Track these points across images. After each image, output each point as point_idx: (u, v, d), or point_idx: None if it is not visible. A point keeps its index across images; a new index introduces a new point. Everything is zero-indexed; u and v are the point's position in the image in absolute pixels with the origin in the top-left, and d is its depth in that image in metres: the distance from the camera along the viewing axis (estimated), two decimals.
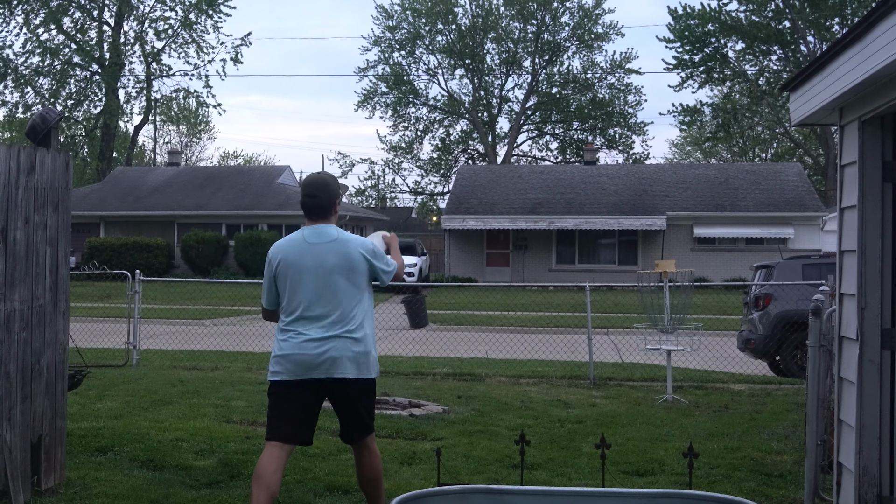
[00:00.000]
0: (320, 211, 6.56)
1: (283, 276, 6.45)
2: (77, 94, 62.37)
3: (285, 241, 6.58)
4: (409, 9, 70.97)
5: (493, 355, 19.07)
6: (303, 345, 6.30)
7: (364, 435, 6.55)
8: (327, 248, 6.43)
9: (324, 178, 6.68)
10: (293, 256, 6.44)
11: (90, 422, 10.79)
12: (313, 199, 6.55)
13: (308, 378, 6.31)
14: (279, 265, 6.47)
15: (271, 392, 6.46)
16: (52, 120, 7.96)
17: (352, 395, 6.42)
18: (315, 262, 6.39)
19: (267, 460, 6.27)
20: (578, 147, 70.90)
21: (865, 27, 5.56)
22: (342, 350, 6.30)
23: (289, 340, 6.36)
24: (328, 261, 6.39)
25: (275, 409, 6.42)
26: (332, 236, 6.47)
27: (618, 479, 8.45)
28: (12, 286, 7.16)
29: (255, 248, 47.34)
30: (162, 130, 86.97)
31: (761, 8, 58.77)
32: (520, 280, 46.42)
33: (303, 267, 6.39)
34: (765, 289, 17.68)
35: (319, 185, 6.61)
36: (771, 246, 43.09)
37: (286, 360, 6.34)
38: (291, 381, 6.34)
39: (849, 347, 6.64)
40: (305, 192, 6.58)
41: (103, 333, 20.77)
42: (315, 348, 6.28)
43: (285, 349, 6.36)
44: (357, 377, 6.36)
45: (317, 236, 6.48)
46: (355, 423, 6.53)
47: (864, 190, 6.37)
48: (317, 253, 6.41)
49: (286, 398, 6.38)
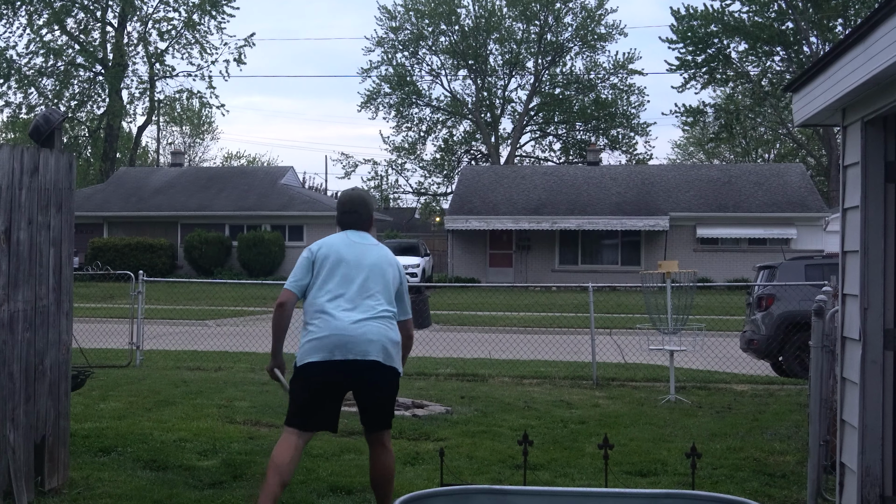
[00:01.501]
0: (360, 225, 6.92)
1: (325, 262, 6.63)
2: (80, 95, 62.37)
3: (328, 238, 6.83)
4: (412, 9, 70.98)
5: (496, 356, 19.07)
6: (340, 325, 6.44)
7: (385, 427, 6.69)
8: (369, 248, 6.77)
9: (361, 195, 7.05)
10: (336, 248, 6.70)
11: (94, 422, 10.80)
12: (353, 216, 6.91)
13: (341, 359, 6.41)
14: (320, 251, 6.69)
15: (299, 377, 6.55)
16: (55, 121, 7.97)
17: (380, 381, 6.55)
18: (357, 256, 6.68)
19: (284, 448, 6.41)
20: (581, 148, 70.87)
21: (868, 28, 5.56)
22: (378, 334, 6.48)
23: (326, 322, 6.49)
24: (369, 258, 6.70)
25: (299, 395, 6.53)
26: (375, 241, 6.87)
27: (621, 479, 8.46)
28: (16, 287, 7.18)
29: (258, 248, 47.38)
30: (165, 131, 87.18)
31: (764, 9, 58.77)
32: (523, 281, 46.39)
33: (345, 257, 6.65)
34: (767, 289, 17.67)
35: (357, 201, 6.96)
36: (774, 246, 43.07)
37: (323, 341, 6.44)
38: (322, 363, 6.43)
39: (851, 348, 6.64)
40: (345, 208, 6.93)
41: (107, 334, 20.78)
42: (353, 329, 6.43)
43: (322, 330, 6.47)
44: (388, 364, 6.53)
45: (360, 237, 6.83)
46: (380, 411, 6.66)
47: (867, 190, 6.37)
48: (359, 250, 6.72)
49: (313, 383, 6.48)
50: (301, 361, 6.52)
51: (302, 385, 6.53)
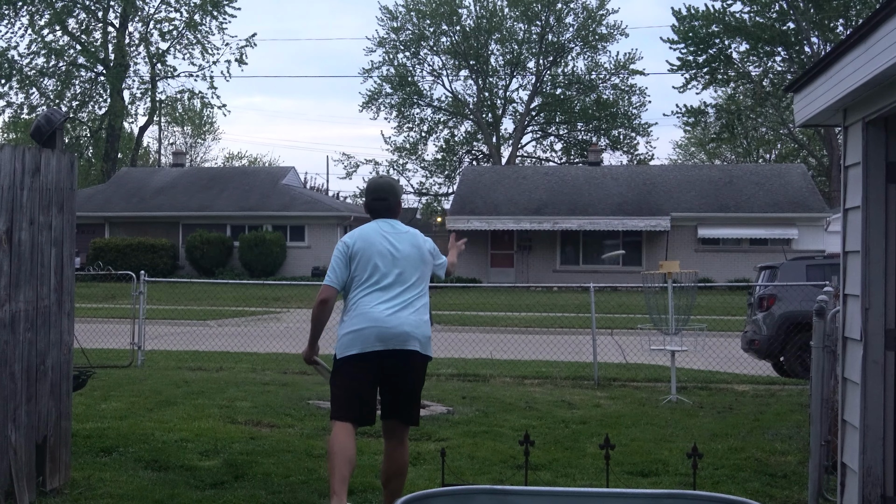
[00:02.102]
0: (388, 212, 7.06)
1: (360, 254, 6.77)
2: (82, 95, 62.38)
3: (360, 228, 6.94)
4: (414, 10, 70.97)
5: (498, 356, 19.08)
6: (380, 317, 6.60)
7: (411, 422, 6.88)
8: (402, 237, 6.90)
9: (389, 182, 7.23)
10: (371, 240, 6.83)
11: (95, 422, 10.80)
12: (383, 202, 7.05)
13: (379, 350, 6.57)
14: (356, 245, 6.81)
15: (340, 371, 6.69)
16: (56, 121, 7.98)
17: (415, 370, 6.74)
18: (390, 247, 6.81)
19: (341, 437, 6.51)
20: (582, 148, 70.83)
21: (869, 28, 5.57)
22: (414, 326, 6.67)
23: (363, 313, 6.64)
24: (402, 248, 6.84)
25: (344, 389, 6.66)
26: (405, 229, 7.00)
27: (622, 479, 8.46)
28: (17, 287, 7.18)
29: (259, 248, 47.39)
30: (167, 131, 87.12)
31: (765, 9, 58.75)
32: (524, 281, 46.39)
33: (379, 249, 6.79)
34: (769, 290, 17.67)
35: (387, 188, 7.13)
36: (775, 247, 43.06)
37: (361, 333, 6.60)
38: (365, 354, 6.58)
39: (852, 348, 6.64)
40: (375, 195, 7.07)
41: (108, 334, 20.79)
42: (390, 321, 6.59)
43: (360, 322, 6.63)
44: (423, 353, 6.73)
45: (390, 227, 6.95)
46: (409, 402, 6.81)
47: (868, 191, 6.38)
48: (392, 241, 6.85)
49: (356, 376, 6.64)
50: (341, 354, 6.68)
51: (344, 379, 6.68)
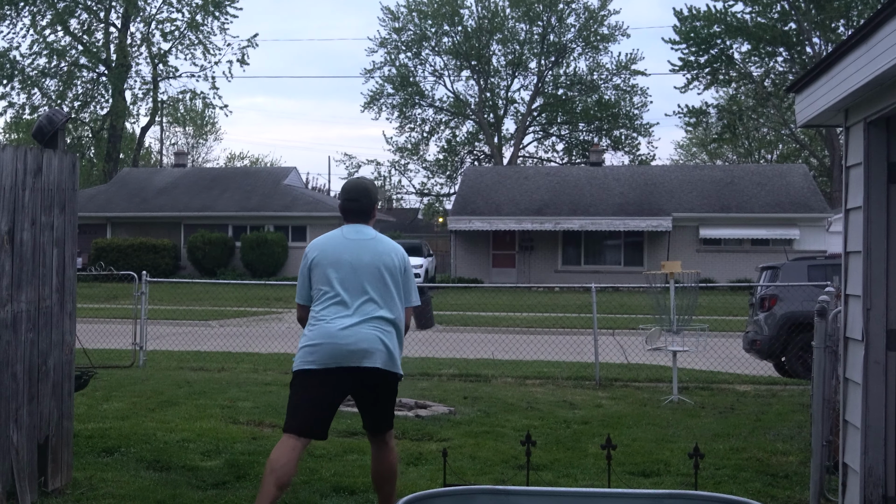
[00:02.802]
0: (360, 214, 6.79)
1: (318, 267, 6.57)
2: (84, 96, 62.41)
3: (323, 237, 6.76)
4: (415, 10, 70.96)
5: (499, 356, 19.09)
6: (335, 333, 6.36)
7: (388, 427, 6.68)
8: (366, 244, 6.63)
9: (364, 183, 6.93)
10: (330, 249, 6.62)
11: (97, 423, 10.81)
12: (354, 203, 6.78)
13: (338, 367, 6.35)
14: (315, 257, 6.62)
15: (295, 382, 6.50)
16: (58, 121, 7.98)
17: (377, 387, 6.51)
18: (353, 255, 6.55)
19: (281, 452, 6.31)
20: (584, 148, 70.82)
21: (871, 29, 5.57)
22: (373, 341, 6.38)
23: (320, 328, 6.43)
24: (365, 256, 6.56)
25: (296, 400, 6.47)
26: (371, 235, 6.70)
27: (623, 479, 8.46)
28: (19, 287, 7.18)
29: (261, 249, 47.39)
30: (168, 132, 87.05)
31: (767, 9, 58.72)
32: (525, 281, 46.40)
33: (340, 258, 6.54)
34: (770, 290, 17.66)
35: (360, 189, 6.84)
36: (776, 247, 43.07)
37: (317, 349, 6.39)
38: (319, 370, 6.38)
39: (854, 348, 6.64)
40: (347, 196, 6.82)
41: (110, 334, 20.80)
42: (345, 336, 6.35)
43: (316, 338, 6.41)
44: (386, 368, 6.46)
45: (356, 233, 6.69)
46: (380, 415, 6.65)
47: (870, 191, 6.38)
48: (355, 248, 6.59)
49: (310, 389, 6.42)
50: (297, 367, 6.48)
51: (298, 391, 6.49)
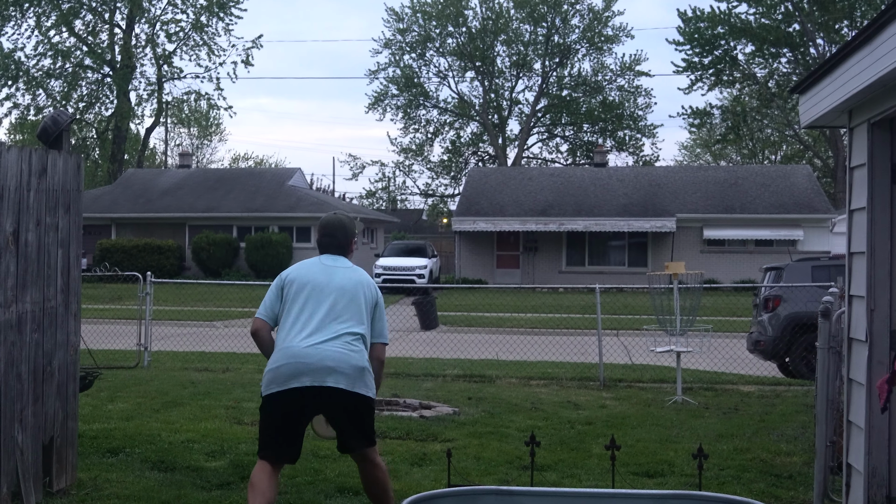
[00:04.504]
0: (338, 248, 6.89)
1: (291, 287, 6.61)
2: (88, 97, 62.44)
3: (299, 263, 6.84)
4: (420, 11, 70.97)
5: (504, 357, 19.08)
6: (295, 352, 6.33)
7: (366, 446, 6.53)
8: (342, 272, 6.70)
9: (340, 219, 7.01)
10: (305, 273, 6.68)
11: (101, 423, 10.83)
12: (330, 239, 6.89)
13: (297, 387, 6.30)
14: (289, 277, 6.69)
15: (263, 408, 6.49)
16: (63, 122, 8.00)
17: (344, 407, 6.39)
18: (327, 279, 6.62)
19: (260, 474, 6.32)
20: (588, 149, 70.84)
21: (874, 30, 5.57)
22: (336, 359, 6.33)
23: (282, 351, 6.42)
24: (339, 281, 6.62)
25: (265, 428, 6.47)
26: (348, 264, 6.78)
27: (627, 480, 8.47)
28: (24, 288, 7.20)
29: (265, 249, 47.37)
30: (173, 132, 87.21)
31: (771, 11, 58.68)
32: (530, 282, 46.39)
33: (313, 280, 6.59)
34: (774, 290, 17.64)
35: (336, 225, 6.94)
36: (780, 248, 43.02)
37: (280, 370, 6.36)
38: (281, 393, 6.34)
39: (858, 349, 6.65)
40: (323, 232, 6.92)
41: (115, 335, 20.81)
42: (308, 354, 6.31)
43: (279, 360, 6.40)
44: (351, 389, 6.35)
45: (333, 260, 6.80)
46: (353, 434, 6.49)
47: (874, 192, 6.38)
48: (331, 273, 6.68)
49: (275, 416, 6.41)
50: (263, 392, 6.47)
51: (265, 417, 6.49)
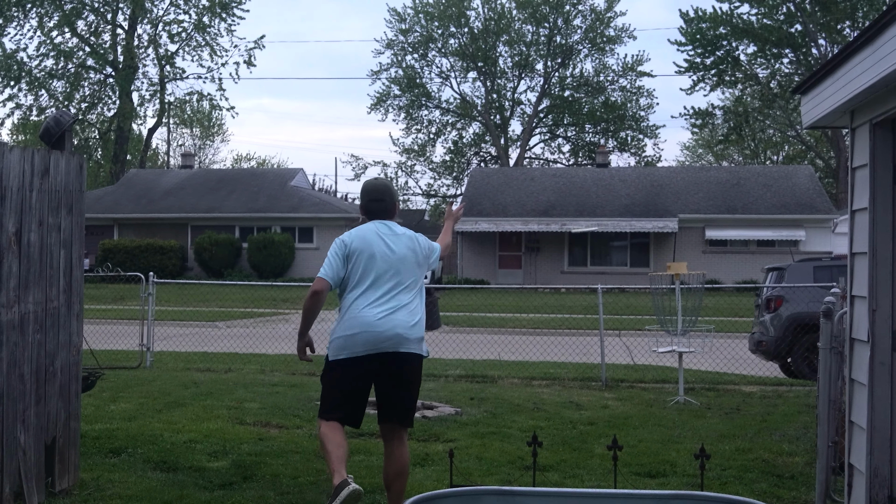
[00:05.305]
0: (385, 213, 7.13)
1: (356, 255, 6.85)
2: (91, 97, 62.46)
3: (358, 228, 7.03)
4: (422, 12, 71.02)
5: (506, 357, 19.07)
6: (368, 321, 6.67)
7: (406, 424, 6.91)
8: (399, 239, 6.98)
9: (385, 184, 7.32)
10: (368, 241, 6.90)
11: (104, 423, 10.84)
12: (379, 203, 7.12)
13: (371, 354, 6.66)
14: (353, 244, 6.88)
15: (330, 373, 6.80)
16: (65, 123, 8.01)
17: (410, 371, 6.82)
18: (387, 249, 6.89)
19: (330, 430, 6.68)
20: (590, 150, 70.88)
21: (876, 30, 5.57)
22: (406, 327, 6.74)
23: (354, 319, 6.70)
24: (399, 250, 6.92)
25: (332, 390, 6.81)
26: (402, 230, 7.08)
27: (630, 480, 8.47)
28: (26, 288, 7.21)
29: (268, 250, 47.39)
30: (175, 133, 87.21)
31: (773, 11, 58.69)
32: (532, 282, 46.42)
33: (377, 251, 6.85)
34: (776, 291, 17.64)
35: (383, 189, 7.20)
36: (782, 248, 43.03)
37: (350, 339, 6.69)
38: (353, 359, 6.68)
39: (860, 349, 6.65)
40: (371, 196, 7.13)
41: (117, 335, 20.83)
42: (380, 324, 6.67)
43: (349, 329, 6.71)
44: (418, 353, 6.81)
45: (388, 229, 7.02)
46: (403, 404, 6.86)
47: (875, 192, 6.38)
48: (388, 242, 6.92)
49: (344, 379, 6.75)
50: (333, 357, 6.76)
51: (333, 381, 6.80)
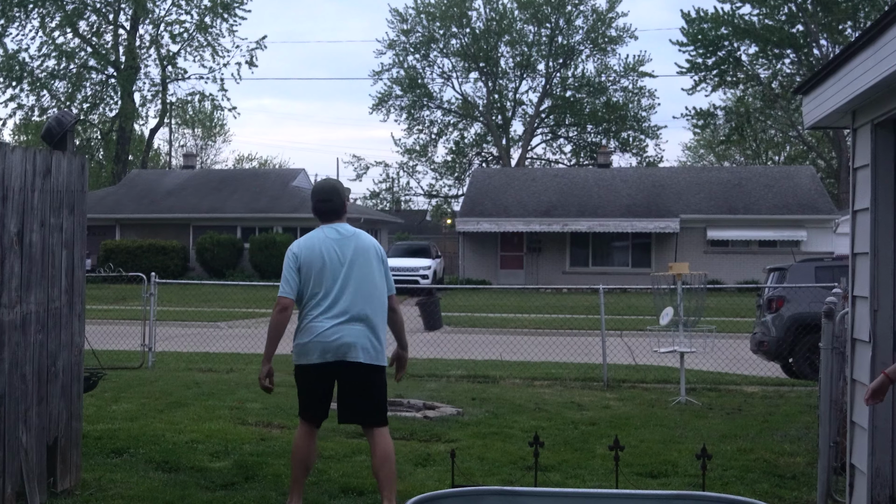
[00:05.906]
0: (334, 213, 7.27)
1: (309, 267, 6.99)
2: (93, 98, 62.43)
3: (306, 237, 7.16)
4: (424, 12, 71.03)
5: (507, 357, 19.07)
6: (320, 330, 6.93)
7: (379, 424, 7.10)
8: (347, 242, 7.10)
9: (332, 184, 7.47)
10: (318, 250, 7.03)
11: (106, 424, 10.84)
12: (327, 204, 7.26)
13: (323, 362, 6.95)
14: (301, 256, 7.04)
15: (296, 376, 7.19)
16: (67, 123, 8.02)
17: (362, 379, 7.02)
18: (336, 254, 7.01)
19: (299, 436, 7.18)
20: (592, 150, 70.88)
21: (878, 31, 5.58)
22: (356, 336, 6.94)
23: (309, 328, 6.99)
24: (348, 253, 7.03)
25: (301, 391, 7.21)
26: (351, 232, 7.19)
27: (631, 480, 8.47)
28: (28, 289, 7.21)
29: (269, 250, 47.37)
30: (177, 133, 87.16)
31: (774, 11, 58.69)
32: (533, 282, 46.39)
33: (324, 258, 7.00)
34: (778, 291, 17.64)
35: (330, 190, 7.35)
36: (784, 248, 42.99)
37: (306, 347, 6.99)
38: (311, 366, 7.01)
39: (861, 349, 6.65)
40: (319, 197, 7.27)
41: (119, 336, 20.83)
42: (331, 333, 6.91)
43: (305, 337, 7.00)
44: (369, 362, 6.99)
45: (336, 233, 7.14)
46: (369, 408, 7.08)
47: (877, 193, 6.38)
48: (337, 248, 7.06)
49: (307, 381, 7.11)
50: (294, 361, 7.12)
51: (299, 383, 7.20)
